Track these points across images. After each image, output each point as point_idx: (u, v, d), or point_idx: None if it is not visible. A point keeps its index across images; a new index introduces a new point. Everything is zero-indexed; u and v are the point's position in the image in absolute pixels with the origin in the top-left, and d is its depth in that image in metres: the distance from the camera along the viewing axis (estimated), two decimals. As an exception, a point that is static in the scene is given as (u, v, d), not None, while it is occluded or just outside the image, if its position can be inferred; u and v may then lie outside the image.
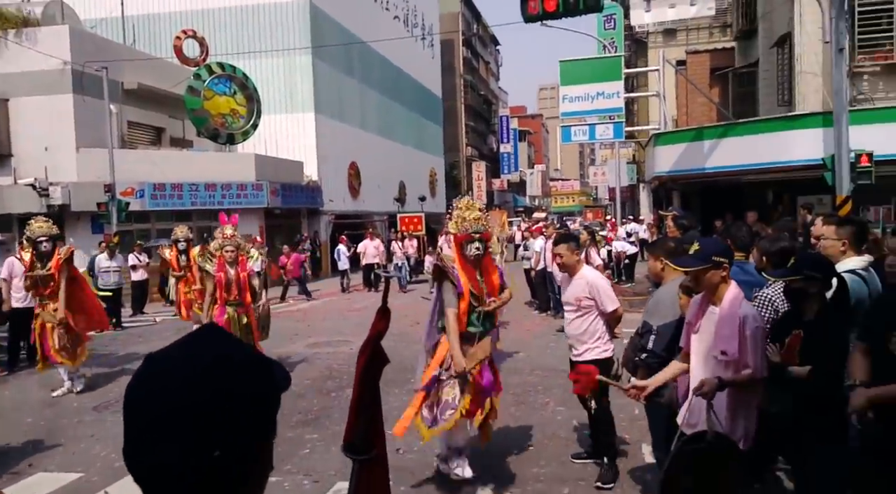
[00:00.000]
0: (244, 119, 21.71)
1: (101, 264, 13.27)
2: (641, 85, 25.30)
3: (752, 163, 13.95)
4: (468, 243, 4.67)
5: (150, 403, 0.87)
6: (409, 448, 5.71)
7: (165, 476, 0.85)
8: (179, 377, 0.87)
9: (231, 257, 7.63)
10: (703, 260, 3.27)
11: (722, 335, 3.18)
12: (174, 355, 0.91)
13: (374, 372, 1.41)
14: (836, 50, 10.81)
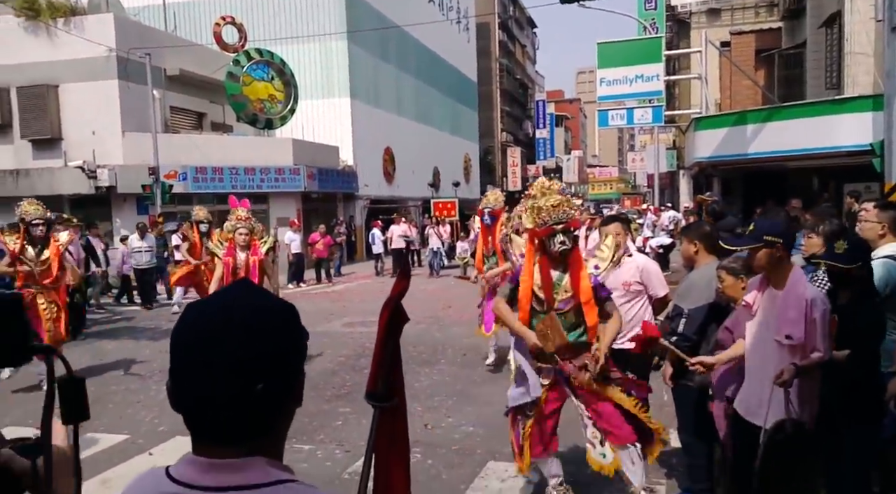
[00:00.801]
0: (282, 104, 21.97)
1: (133, 244, 13.56)
2: (683, 67, 24.74)
3: (797, 148, 13.57)
4: (551, 238, 3.80)
5: (196, 342, 0.97)
6: (436, 423, 5.80)
7: (211, 407, 0.95)
8: (222, 318, 0.97)
9: (243, 241, 7.22)
10: (754, 239, 3.22)
11: (787, 318, 3.10)
12: (215, 302, 1.02)
13: (396, 328, 1.46)
14: (888, 28, 10.39)
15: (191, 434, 0.99)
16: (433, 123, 36.50)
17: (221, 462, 0.95)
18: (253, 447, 0.97)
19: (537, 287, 3.86)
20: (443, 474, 4.77)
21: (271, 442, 1.02)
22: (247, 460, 0.96)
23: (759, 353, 3.28)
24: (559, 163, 71.62)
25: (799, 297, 3.10)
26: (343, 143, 25.29)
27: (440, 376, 7.33)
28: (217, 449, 0.97)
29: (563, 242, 3.76)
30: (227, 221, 7.49)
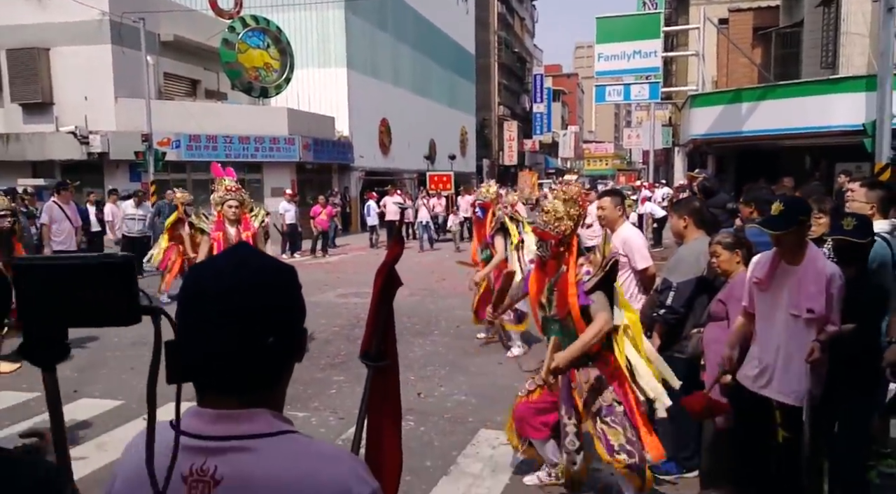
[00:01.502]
0: (277, 73, 21.78)
1: (127, 211, 13.46)
2: (682, 44, 24.62)
3: (791, 127, 13.64)
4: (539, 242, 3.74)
5: (208, 297, 1.01)
6: (429, 392, 5.93)
7: (221, 360, 1.01)
8: (234, 274, 1.02)
9: (233, 214, 6.51)
10: (791, 221, 3.22)
11: (808, 293, 3.17)
12: (220, 263, 1.07)
13: (389, 292, 1.53)
14: (885, 9, 10.42)
15: (196, 389, 1.04)
16: (430, 95, 36.28)
17: (229, 413, 1.01)
18: (258, 399, 1.02)
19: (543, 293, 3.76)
20: (435, 441, 4.91)
21: (275, 395, 1.07)
22: (252, 411, 1.01)
23: (771, 327, 3.34)
24: (555, 138, 71.40)
25: (819, 273, 3.17)
26: (339, 114, 25.15)
27: (433, 346, 7.46)
28: (224, 401, 1.01)
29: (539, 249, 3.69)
30: (214, 192, 6.76)
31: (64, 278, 0.85)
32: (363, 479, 1.04)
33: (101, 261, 0.86)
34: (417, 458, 4.58)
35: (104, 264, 0.86)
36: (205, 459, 1.00)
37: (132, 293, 0.87)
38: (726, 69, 20.51)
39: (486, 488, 4.18)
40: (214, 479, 0.99)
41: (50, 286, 0.85)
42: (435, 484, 4.21)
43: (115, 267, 0.86)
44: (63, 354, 0.90)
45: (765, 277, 3.36)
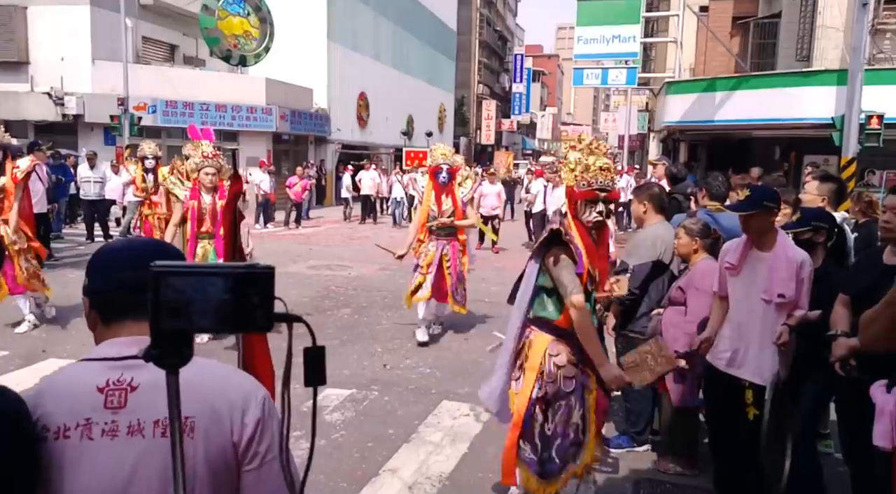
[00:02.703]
0: (257, 41, 21.51)
1: (82, 174, 13.20)
2: (661, 30, 24.74)
3: (763, 117, 13.87)
4: (590, 204, 3.25)
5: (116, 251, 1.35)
6: (395, 364, 6.09)
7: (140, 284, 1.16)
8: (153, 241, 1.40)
9: (210, 182, 6.21)
10: (753, 204, 3.39)
11: (780, 278, 3.33)
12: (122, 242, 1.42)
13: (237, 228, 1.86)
14: (859, 4, 10.62)
15: (113, 316, 1.28)
16: (410, 71, 36.04)
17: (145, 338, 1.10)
18: None
19: (590, 265, 3.20)
20: (398, 410, 5.06)
21: None
22: None
23: (744, 311, 3.50)
24: (534, 118, 71.44)
25: (790, 259, 3.36)
26: (317, 86, 24.93)
27: (402, 320, 7.59)
28: (140, 328, 1.20)
29: (601, 212, 3.24)
30: (189, 157, 6.44)
31: (206, 285, 0.87)
32: (259, 386, 1.33)
33: (247, 271, 0.89)
34: (380, 426, 4.75)
35: (250, 273, 0.89)
36: (121, 373, 1.21)
37: (271, 301, 0.90)
38: (704, 57, 20.71)
39: (445, 456, 4.35)
40: (131, 386, 1.20)
41: (190, 292, 0.87)
42: (395, 451, 4.37)
43: (259, 276, 0.89)
44: (189, 357, 0.93)
45: (737, 262, 3.52)
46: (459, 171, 6.92)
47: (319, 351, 1.02)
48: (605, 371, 3.10)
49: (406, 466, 4.18)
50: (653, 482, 4.08)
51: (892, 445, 2.42)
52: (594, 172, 3.20)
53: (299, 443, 3.88)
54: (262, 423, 1.26)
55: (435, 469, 4.17)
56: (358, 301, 8.63)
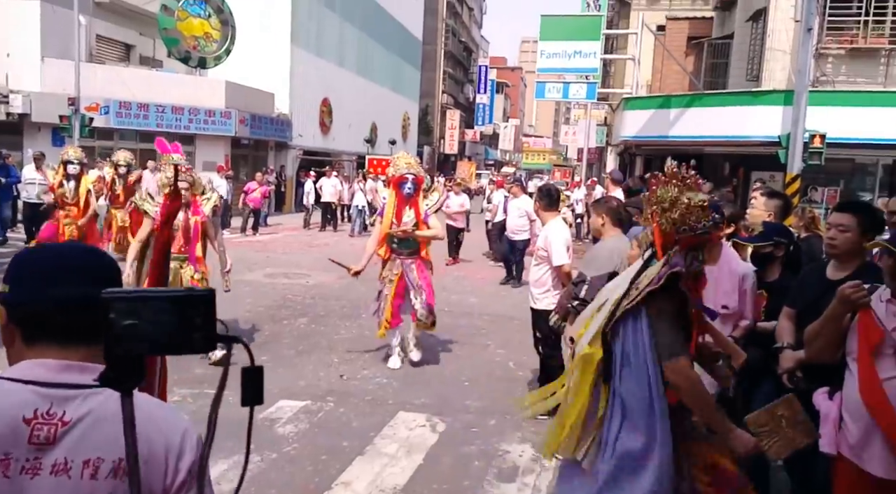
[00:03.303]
0: (217, 43, 21.19)
1: (27, 176, 12.76)
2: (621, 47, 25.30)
3: (714, 134, 14.28)
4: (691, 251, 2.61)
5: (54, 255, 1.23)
6: (352, 375, 6.06)
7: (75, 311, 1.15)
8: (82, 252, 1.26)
9: (183, 198, 5.74)
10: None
11: (724, 290, 3.47)
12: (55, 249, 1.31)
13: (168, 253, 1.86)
14: (804, 29, 11.05)
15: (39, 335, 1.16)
16: (374, 78, 35.99)
17: (78, 364, 1.13)
18: (93, 354, 1.14)
19: None
20: (353, 422, 5.04)
21: None
22: (96, 366, 1.07)
23: None
24: (496, 129, 72.04)
25: (732, 272, 3.51)
26: (279, 90, 24.67)
27: (360, 330, 7.56)
28: (69, 352, 1.14)
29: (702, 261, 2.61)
30: (160, 171, 6.18)
31: (152, 309, 0.90)
32: (185, 419, 1.26)
33: (187, 294, 0.92)
34: (334, 438, 4.71)
35: (191, 296, 0.92)
36: (51, 404, 1.10)
37: (212, 322, 0.92)
38: (660, 74, 21.22)
39: (400, 468, 4.34)
40: (63, 421, 1.10)
41: (138, 317, 0.90)
42: (349, 464, 4.34)
43: (200, 298, 0.92)
44: (141, 379, 0.94)
45: None
46: (424, 182, 6.53)
47: (257, 371, 1.02)
48: (737, 439, 2.49)
49: (360, 479, 4.16)
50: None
51: (837, 450, 2.53)
52: (696, 212, 2.51)
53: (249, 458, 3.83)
54: (194, 468, 1.19)
55: (389, 481, 4.16)
56: (315, 310, 8.56)
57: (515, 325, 7.98)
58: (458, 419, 5.18)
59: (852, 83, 13.51)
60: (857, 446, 2.45)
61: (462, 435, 4.91)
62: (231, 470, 4.08)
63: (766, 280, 3.68)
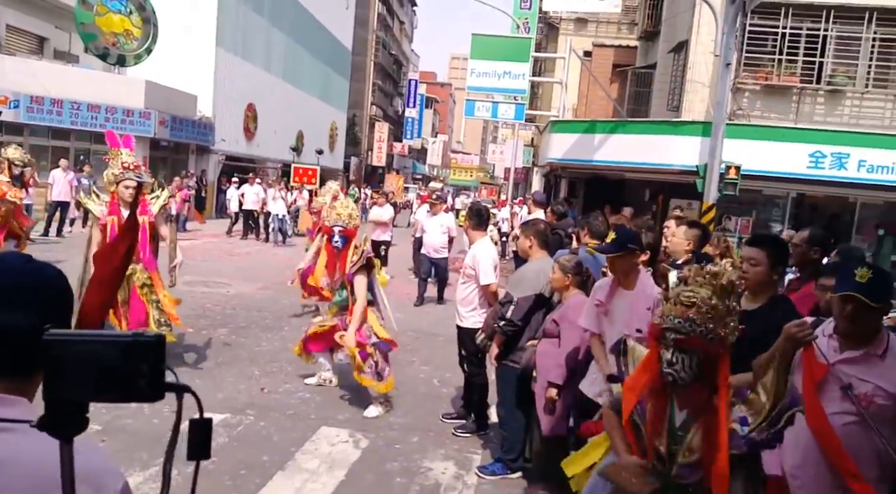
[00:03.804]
0: (138, 41, 20.41)
1: None
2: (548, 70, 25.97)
3: (636, 161, 14.77)
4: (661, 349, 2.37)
5: None
6: (273, 388, 5.90)
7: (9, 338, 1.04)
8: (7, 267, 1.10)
9: (130, 196, 5.53)
10: (619, 247, 3.67)
11: (639, 314, 3.55)
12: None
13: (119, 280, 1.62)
14: (723, 64, 11.62)
15: None
16: (302, 86, 35.52)
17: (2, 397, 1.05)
18: (18, 386, 1.07)
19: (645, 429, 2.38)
20: (274, 436, 4.91)
21: (31, 388, 1.10)
22: (14, 398, 1.05)
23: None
24: (425, 144, 72.44)
25: (648, 296, 3.62)
26: (202, 93, 23.98)
27: (282, 342, 7.38)
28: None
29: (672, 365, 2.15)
30: (108, 169, 5.77)
31: (97, 353, 0.86)
32: (116, 471, 1.12)
33: (134, 339, 0.88)
34: (254, 452, 4.57)
35: (137, 342, 0.87)
36: None
37: (160, 370, 0.88)
38: (586, 99, 21.90)
39: (322, 483, 4.25)
40: None
41: (82, 360, 0.86)
42: (270, 479, 4.23)
43: (147, 344, 0.88)
44: (83, 426, 0.89)
45: (605, 300, 3.77)
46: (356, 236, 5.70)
47: (206, 423, 0.98)
48: None
49: (280, 495, 4.06)
50: (525, 509, 4.19)
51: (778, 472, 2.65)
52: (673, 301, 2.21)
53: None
54: None
55: (310, 498, 4.07)
56: (236, 320, 8.30)
57: (440, 342, 7.99)
58: (380, 435, 5.12)
59: (766, 118, 14.30)
60: (791, 475, 2.59)
61: (385, 452, 4.86)
62: (146, 483, 3.90)
63: None
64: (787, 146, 13.14)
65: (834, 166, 12.99)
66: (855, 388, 2.48)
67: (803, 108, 14.34)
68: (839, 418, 2.48)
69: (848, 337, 2.53)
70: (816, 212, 14.68)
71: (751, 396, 2.22)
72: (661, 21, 18.14)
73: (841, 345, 2.55)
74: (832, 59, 13.94)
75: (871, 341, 2.52)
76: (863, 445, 2.47)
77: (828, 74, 14.01)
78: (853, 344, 2.53)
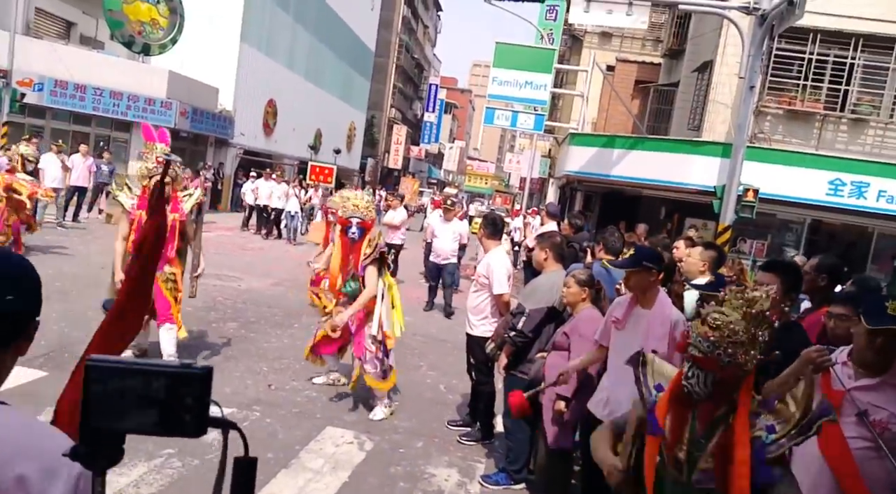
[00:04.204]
0: (164, 31, 20.61)
1: None
2: (570, 82, 25.95)
3: (654, 178, 14.71)
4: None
5: None
6: (280, 385, 5.91)
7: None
8: None
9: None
10: (634, 263, 3.66)
11: (655, 335, 3.55)
12: None
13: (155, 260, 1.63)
14: (747, 86, 11.57)
15: None
16: (323, 84, 35.69)
17: None
18: None
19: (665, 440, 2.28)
20: (280, 433, 4.90)
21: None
22: None
23: (622, 362, 3.70)
24: (442, 149, 72.57)
25: (665, 317, 3.60)
26: (224, 86, 24.15)
27: (291, 340, 7.39)
28: None
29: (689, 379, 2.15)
30: (142, 161, 5.56)
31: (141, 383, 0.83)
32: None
33: (181, 371, 0.84)
34: (259, 449, 4.56)
35: (185, 373, 0.84)
36: None
37: (205, 404, 0.85)
38: (606, 114, 21.86)
39: (325, 484, 4.25)
40: None
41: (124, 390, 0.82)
42: (273, 477, 4.22)
43: (194, 377, 0.84)
44: (117, 459, 0.85)
45: (622, 317, 3.75)
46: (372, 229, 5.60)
47: (251, 462, 0.94)
48: None
49: (283, 492, 4.05)
50: (527, 521, 4.17)
51: None
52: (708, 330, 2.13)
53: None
54: None
55: (313, 498, 4.06)
56: (246, 315, 8.33)
57: (448, 348, 7.98)
58: (385, 438, 5.11)
59: (787, 143, 14.21)
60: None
61: (389, 455, 4.85)
62: (150, 474, 3.91)
63: None
64: (807, 172, 13.06)
65: (853, 195, 12.90)
66: (870, 415, 2.47)
67: (825, 135, 14.25)
68: (853, 442, 2.48)
69: (867, 367, 2.51)
70: (833, 239, 14.56)
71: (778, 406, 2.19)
72: (686, 40, 18.09)
73: (856, 373, 2.53)
74: (858, 87, 13.85)
75: (888, 370, 2.51)
76: (875, 472, 2.46)
77: (852, 102, 13.92)
78: (871, 372, 2.51)
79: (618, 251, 5.02)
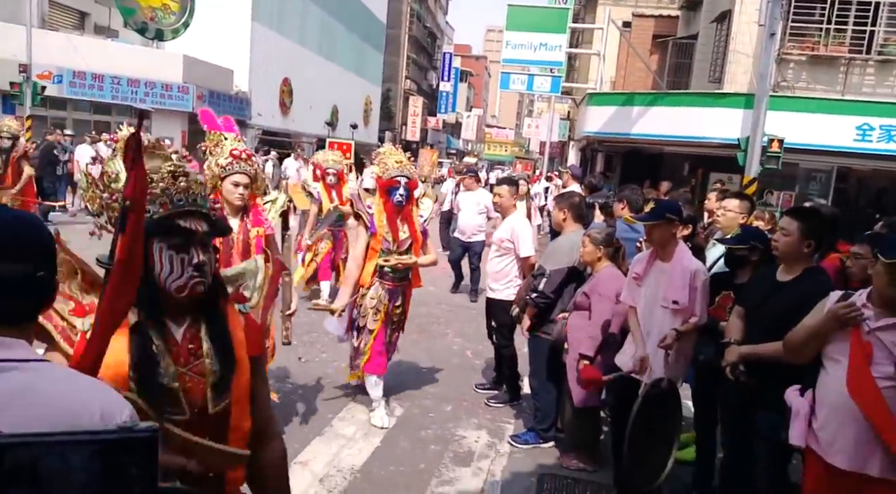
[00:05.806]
0: (176, 16, 20.65)
1: None
2: (586, 41, 25.45)
3: (675, 134, 14.46)
4: None
5: None
6: (311, 358, 6.04)
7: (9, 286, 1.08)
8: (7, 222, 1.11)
9: (240, 198, 3.78)
10: (657, 216, 3.63)
11: (675, 286, 3.56)
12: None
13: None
14: (767, 34, 11.25)
15: None
16: (336, 60, 35.54)
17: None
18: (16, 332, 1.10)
19: None
20: (312, 403, 5.03)
21: (27, 333, 1.15)
22: (13, 340, 1.08)
23: (647, 318, 3.71)
24: (459, 118, 71.98)
25: (685, 268, 3.59)
26: (238, 67, 24.19)
27: (321, 315, 7.48)
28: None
29: None
30: (211, 156, 3.92)
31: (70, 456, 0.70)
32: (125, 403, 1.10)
33: (119, 437, 0.73)
34: (293, 419, 4.70)
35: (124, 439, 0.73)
36: None
37: (152, 472, 0.72)
38: (624, 71, 21.45)
39: (358, 449, 4.36)
40: None
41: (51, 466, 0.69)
42: (307, 444, 4.34)
43: (136, 442, 0.72)
44: None
45: (642, 272, 3.75)
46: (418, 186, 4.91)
47: None
48: None
49: (317, 459, 4.17)
50: (556, 476, 4.25)
51: (805, 444, 2.66)
52: None
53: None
54: None
55: (346, 462, 4.18)
56: (273, 291, 8.44)
57: (472, 315, 8.04)
58: (415, 404, 5.21)
59: (811, 90, 13.83)
60: (826, 441, 2.57)
61: (419, 420, 4.94)
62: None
63: (736, 281, 3.76)
64: (833, 118, 12.72)
65: (882, 139, 12.56)
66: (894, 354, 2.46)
67: (851, 79, 13.84)
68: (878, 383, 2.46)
69: (887, 305, 2.49)
70: (863, 185, 14.25)
71: None
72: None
73: (876, 314, 2.51)
74: (884, 27, 13.39)
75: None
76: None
77: (879, 43, 13.47)
78: (892, 311, 2.49)
79: (640, 208, 4.99)
